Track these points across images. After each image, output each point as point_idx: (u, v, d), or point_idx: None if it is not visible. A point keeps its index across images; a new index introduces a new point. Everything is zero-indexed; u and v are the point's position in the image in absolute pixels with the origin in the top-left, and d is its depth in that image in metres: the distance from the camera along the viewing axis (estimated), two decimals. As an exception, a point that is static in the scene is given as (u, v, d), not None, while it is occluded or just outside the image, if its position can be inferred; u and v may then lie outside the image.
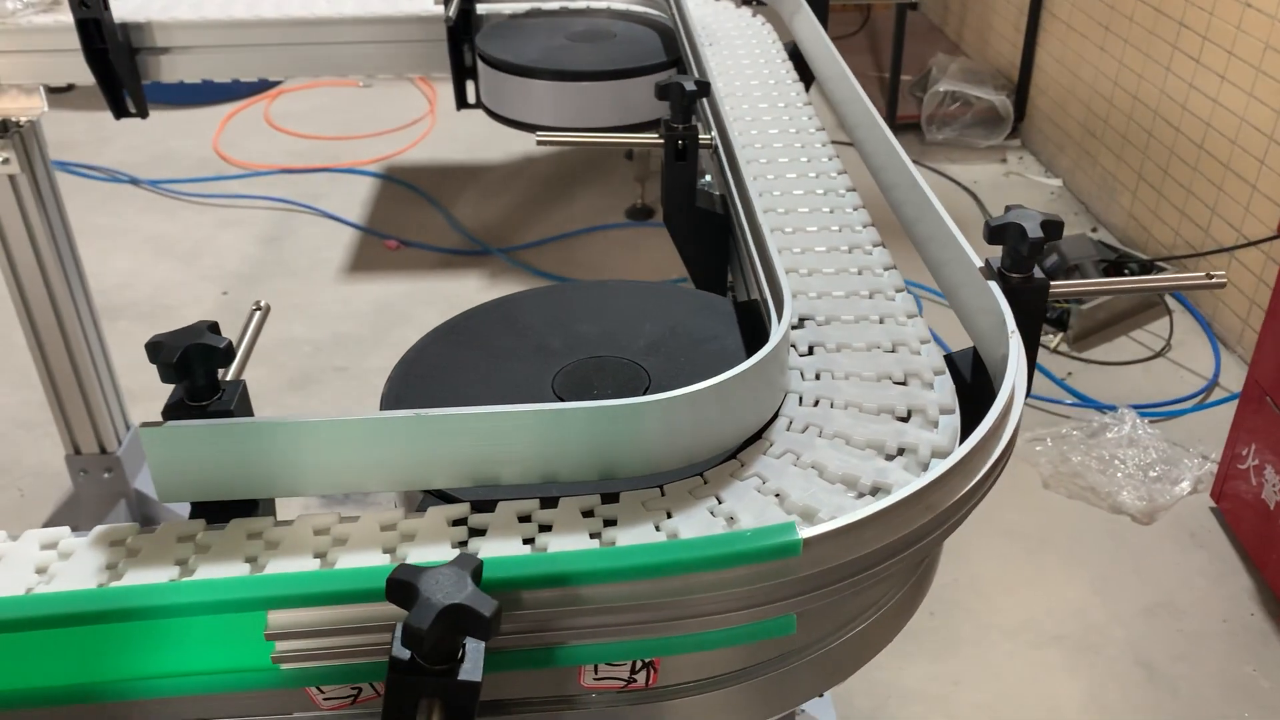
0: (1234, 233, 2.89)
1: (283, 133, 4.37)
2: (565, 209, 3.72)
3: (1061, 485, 2.47)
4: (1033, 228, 0.90)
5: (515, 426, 0.77)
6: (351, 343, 3.03)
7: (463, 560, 0.60)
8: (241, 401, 0.81)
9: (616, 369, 0.95)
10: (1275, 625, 2.12)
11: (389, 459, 0.77)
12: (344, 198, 3.83)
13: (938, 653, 2.09)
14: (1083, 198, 3.69)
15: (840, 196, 1.23)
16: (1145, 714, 1.97)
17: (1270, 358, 2.16)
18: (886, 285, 1.06)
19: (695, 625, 0.68)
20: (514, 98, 1.70)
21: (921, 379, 0.92)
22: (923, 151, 4.03)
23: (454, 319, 1.03)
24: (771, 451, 0.85)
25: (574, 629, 0.66)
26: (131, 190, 3.92)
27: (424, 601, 0.57)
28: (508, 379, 0.94)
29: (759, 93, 1.52)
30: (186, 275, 3.40)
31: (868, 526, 0.70)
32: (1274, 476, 2.15)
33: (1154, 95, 3.20)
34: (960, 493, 0.76)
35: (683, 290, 1.08)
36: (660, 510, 0.79)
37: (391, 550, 0.75)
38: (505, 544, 0.75)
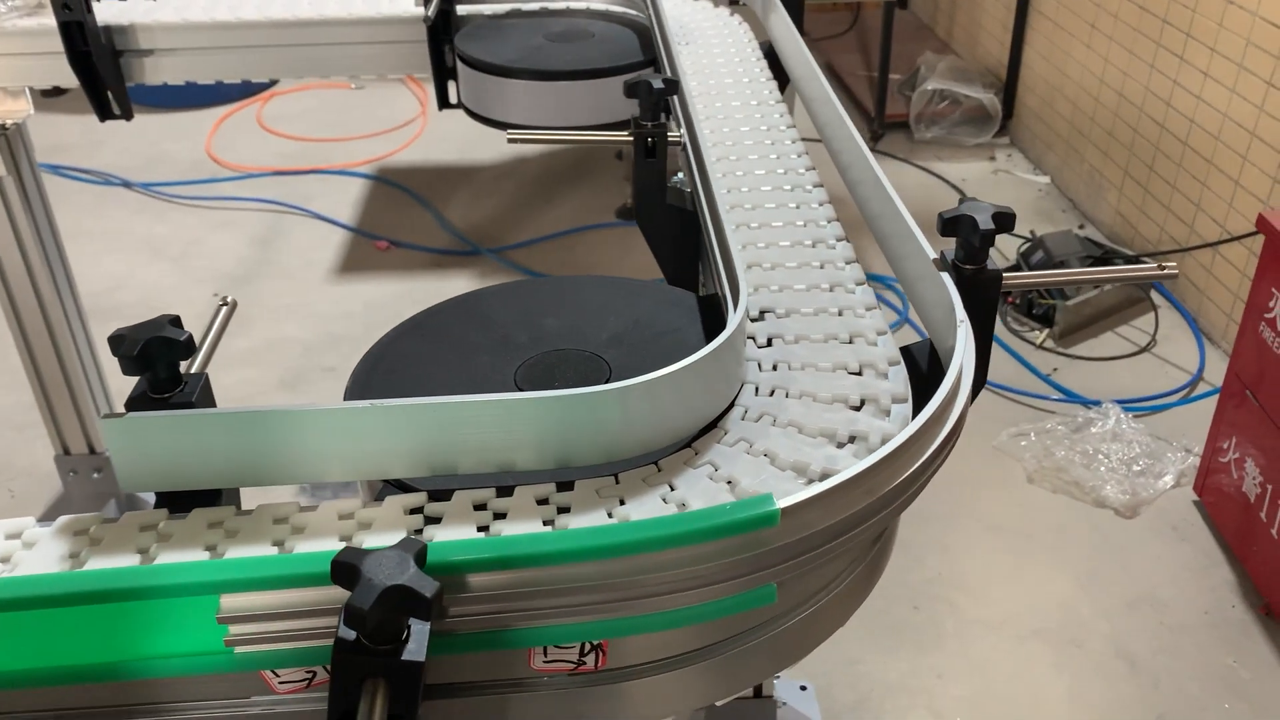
0: (1218, 228, 2.90)
1: (275, 135, 4.38)
2: (555, 209, 3.74)
3: (1046, 480, 2.49)
4: (984, 219, 0.92)
5: (470, 416, 0.78)
6: (342, 343, 3.05)
7: (406, 543, 0.62)
8: (204, 394, 0.82)
9: (578, 361, 0.97)
10: (1255, 617, 2.14)
11: (346, 449, 0.79)
12: (335, 199, 3.84)
13: (922, 646, 2.10)
14: (1070, 195, 3.71)
15: (807, 192, 1.24)
16: (1127, 706, 1.98)
17: (1250, 352, 2.17)
18: (847, 279, 1.07)
19: (643, 607, 0.70)
20: (492, 98, 1.71)
21: (876, 369, 0.93)
22: (911, 150, 4.04)
23: (420, 314, 1.04)
24: (725, 440, 0.86)
25: (522, 611, 0.68)
26: (124, 193, 3.94)
27: (366, 583, 0.59)
28: (471, 372, 0.95)
29: (732, 91, 1.53)
30: (178, 277, 3.42)
31: (812, 507, 0.72)
32: (1254, 469, 2.17)
33: (1139, 92, 3.22)
34: (904, 474, 0.78)
35: (647, 285, 1.10)
36: (614, 498, 0.80)
37: (348, 538, 0.77)
38: (459, 531, 0.76)
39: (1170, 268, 0.96)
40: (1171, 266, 0.96)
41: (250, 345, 3.05)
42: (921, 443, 0.78)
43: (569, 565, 0.66)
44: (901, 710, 1.98)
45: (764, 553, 0.70)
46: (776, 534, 0.70)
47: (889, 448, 0.75)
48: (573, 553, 0.66)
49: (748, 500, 0.70)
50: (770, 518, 0.69)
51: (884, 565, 0.94)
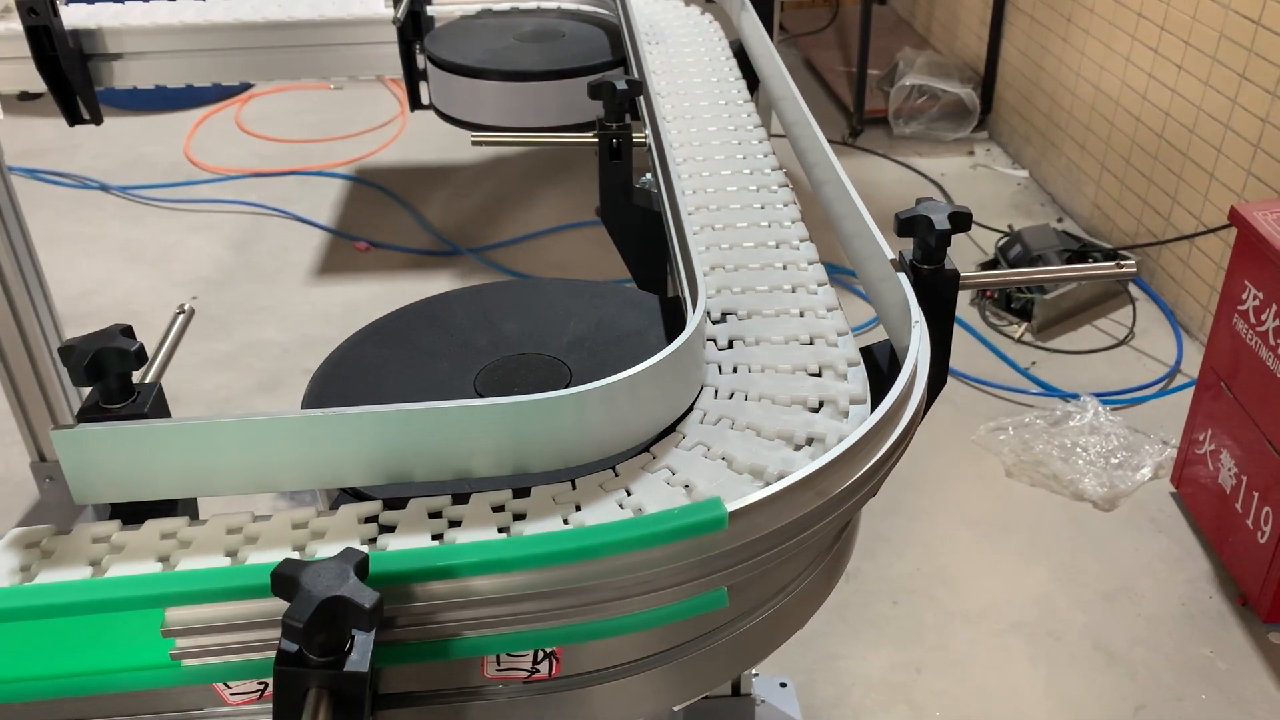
0: (1194, 220, 2.91)
1: (254, 136, 4.37)
2: (536, 208, 3.73)
3: (1024, 474, 2.50)
4: (940, 219, 0.92)
5: (425, 424, 0.78)
6: (320, 345, 3.03)
7: (347, 554, 0.62)
8: (157, 404, 0.82)
9: (538, 366, 0.97)
10: (1232, 607, 2.15)
11: (299, 458, 0.78)
12: (314, 200, 3.83)
13: (900, 641, 2.11)
14: (1049, 188, 3.72)
15: (772, 193, 1.24)
16: (1105, 698, 1.99)
17: (1224, 344, 2.18)
18: (810, 279, 1.07)
19: (593, 613, 0.70)
20: (461, 99, 1.71)
21: (836, 370, 0.94)
22: (890, 145, 4.05)
23: (380, 319, 1.04)
24: (684, 444, 0.86)
25: (469, 620, 0.67)
26: (101, 197, 3.92)
27: (304, 595, 0.58)
28: (430, 378, 0.95)
29: (701, 90, 1.53)
30: (156, 281, 3.40)
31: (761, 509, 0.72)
32: (1229, 461, 2.18)
33: (1115, 86, 3.23)
34: (855, 475, 0.78)
35: (610, 287, 1.10)
36: (570, 504, 0.80)
37: (301, 548, 0.77)
38: (413, 540, 0.76)
39: (1128, 265, 0.96)
40: (1129, 264, 0.96)
41: (228, 349, 3.04)
42: (873, 444, 0.78)
43: (514, 573, 0.66)
44: (881, 705, 1.99)
45: (713, 556, 0.70)
46: (725, 537, 0.70)
47: (838, 449, 0.75)
48: (517, 560, 0.66)
49: (696, 504, 0.70)
50: (718, 521, 0.69)
51: (845, 564, 0.94)
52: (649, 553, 0.68)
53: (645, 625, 0.71)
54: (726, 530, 0.69)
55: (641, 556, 0.68)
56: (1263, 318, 2.05)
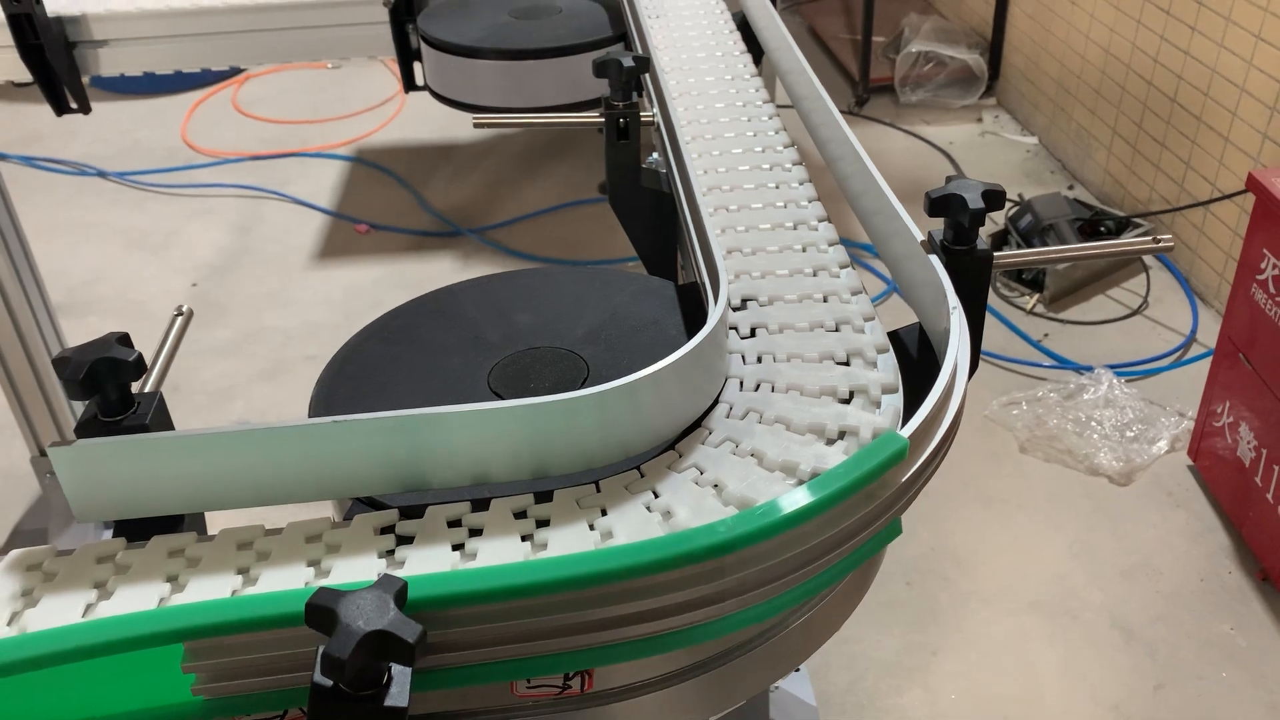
0: (1208, 186, 2.86)
1: (251, 118, 4.31)
2: (538, 186, 3.68)
3: (1038, 449, 2.46)
4: (974, 198, 0.88)
5: (440, 429, 0.75)
6: (323, 330, 3.00)
7: (385, 582, 0.58)
8: (159, 415, 0.78)
9: (554, 360, 0.93)
10: (1252, 582, 2.12)
11: (310, 469, 0.75)
12: (314, 182, 3.78)
13: (915, 623, 2.08)
14: (1059, 155, 3.66)
15: (786, 171, 1.20)
16: (1123, 677, 1.97)
17: (1242, 314, 2.14)
18: (831, 262, 1.03)
19: (629, 633, 0.66)
20: (458, 79, 1.66)
21: (865, 358, 0.90)
22: (897, 114, 3.99)
23: (387, 314, 1.00)
24: (710, 440, 0.83)
25: (506, 644, 0.64)
26: (99, 183, 3.87)
27: (344, 628, 0.55)
28: (442, 376, 0.92)
29: (706, 65, 1.49)
30: (156, 268, 3.36)
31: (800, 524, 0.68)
32: (1248, 433, 2.14)
33: (1126, 49, 3.17)
34: (902, 479, 0.74)
35: (623, 275, 1.06)
36: (595, 508, 0.77)
37: (316, 563, 0.73)
38: (433, 552, 0.73)
39: (1166, 240, 0.92)
40: (1167, 239, 0.92)
41: (230, 336, 3.00)
42: (919, 444, 0.74)
43: (555, 595, 0.62)
44: (896, 689, 1.96)
45: (756, 572, 0.66)
46: (774, 547, 0.67)
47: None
48: (561, 582, 0.62)
49: (741, 515, 0.67)
50: (764, 531, 0.65)
51: (878, 567, 0.91)
52: (691, 569, 0.64)
53: (684, 644, 0.68)
54: (770, 542, 0.66)
55: (683, 574, 0.64)
56: (1283, 287, 2.01)
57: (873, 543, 0.73)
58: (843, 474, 0.69)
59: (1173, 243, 0.91)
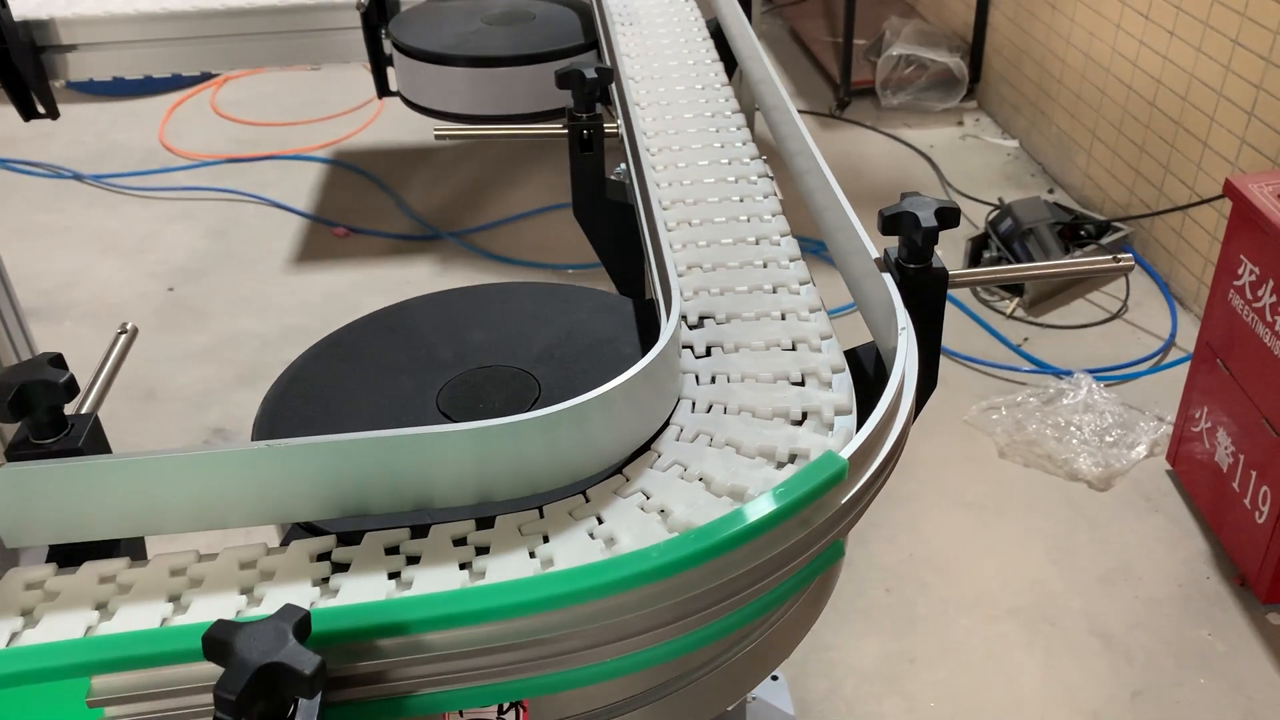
0: (1187, 191, 2.86)
1: (229, 120, 4.28)
2: (518, 189, 3.66)
3: (1018, 454, 2.46)
4: (926, 216, 0.87)
5: (380, 454, 0.73)
6: (300, 335, 2.98)
7: (285, 612, 0.57)
8: (93, 437, 0.76)
9: (506, 379, 0.92)
10: (1230, 588, 2.11)
11: (247, 494, 0.73)
12: (292, 186, 3.75)
13: (894, 630, 2.07)
14: (1040, 158, 3.66)
15: (752, 184, 1.19)
16: (1102, 684, 1.96)
17: (1220, 319, 2.14)
18: (791, 278, 1.02)
19: (562, 663, 0.65)
20: (429, 86, 1.65)
21: (820, 378, 0.89)
22: (878, 117, 3.98)
23: (338, 331, 0.99)
24: (659, 464, 0.81)
25: (427, 676, 0.63)
26: (75, 186, 3.84)
27: (237, 662, 0.53)
28: (390, 396, 0.90)
29: (677, 74, 1.47)
30: (132, 272, 3.33)
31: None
32: (1226, 439, 2.14)
33: (1106, 53, 3.17)
34: (844, 499, 0.73)
35: (583, 291, 1.04)
36: (537, 534, 0.75)
37: (249, 590, 0.72)
38: (368, 580, 0.71)
39: (1124, 260, 0.91)
40: (1126, 259, 0.91)
41: (207, 341, 2.98)
42: (860, 466, 0.73)
43: (473, 627, 0.61)
44: (875, 697, 1.95)
45: (691, 598, 0.65)
46: (702, 575, 0.65)
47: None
48: (476, 614, 0.61)
49: (676, 540, 0.65)
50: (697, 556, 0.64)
51: (833, 585, 0.90)
52: (623, 597, 0.63)
53: (620, 673, 0.66)
54: (703, 568, 0.64)
55: (615, 601, 0.63)
56: (1259, 293, 2.00)
57: (814, 565, 0.71)
58: (781, 495, 0.67)
59: (1132, 264, 0.90)
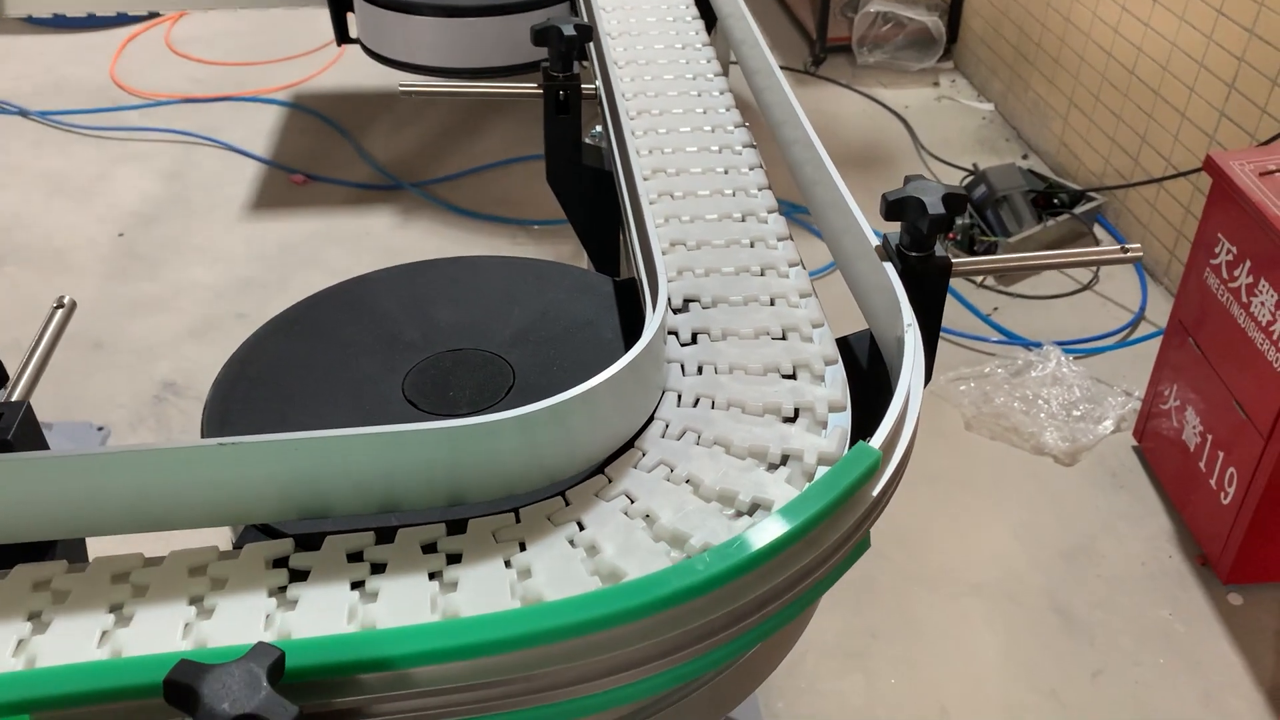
0: (1163, 162, 2.83)
1: (185, 58, 4.12)
2: (484, 139, 3.56)
3: (984, 426, 2.44)
4: (934, 203, 0.82)
5: (341, 453, 0.67)
6: (254, 287, 2.88)
7: (258, 653, 0.51)
8: (25, 429, 0.70)
9: (477, 365, 0.86)
10: (1192, 567, 2.12)
11: (196, 494, 0.67)
12: (249, 129, 3.62)
13: (856, 606, 2.05)
14: (1015, 123, 3.62)
15: (736, 154, 1.13)
16: (1062, 662, 1.96)
17: (1193, 297, 2.12)
18: (780, 260, 0.97)
19: (549, 697, 0.60)
20: (393, 35, 1.56)
21: (812, 370, 0.84)
22: (853, 75, 3.91)
23: (296, 306, 0.92)
24: (643, 464, 0.76)
25: (407, 712, 0.57)
26: (20, 123, 3.68)
27: (205, 712, 0.48)
28: (352, 381, 0.84)
29: (656, 31, 1.40)
30: (80, 216, 3.20)
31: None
32: (1194, 418, 2.13)
33: (1086, 18, 3.12)
34: (850, 520, 0.68)
35: (558, 268, 0.98)
36: (513, 541, 0.70)
37: (199, 600, 0.66)
38: (329, 591, 0.66)
39: (1133, 249, 0.87)
40: (1135, 247, 0.87)
41: (157, 290, 2.87)
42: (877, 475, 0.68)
43: (459, 662, 0.56)
44: (835, 673, 1.94)
45: (683, 633, 0.60)
46: (698, 609, 0.60)
47: (824, 498, 0.65)
48: (464, 649, 0.55)
49: (672, 569, 0.60)
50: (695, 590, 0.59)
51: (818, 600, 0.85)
52: (614, 632, 0.57)
53: (609, 705, 0.61)
54: (706, 598, 0.59)
55: (607, 636, 0.57)
56: (1235, 273, 1.98)
57: (843, 565, 0.67)
58: (818, 495, 0.63)
59: (1141, 254, 0.85)
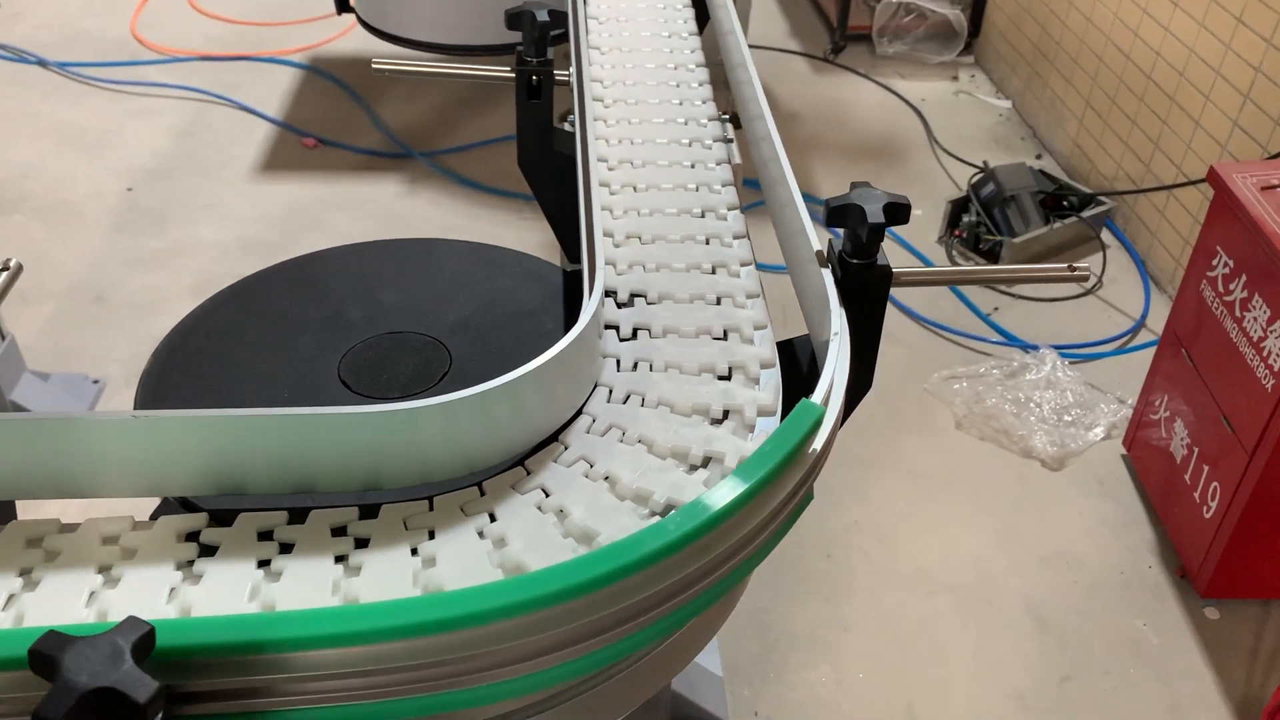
0: (1174, 169, 2.80)
1: (205, 16, 4.13)
2: (496, 111, 3.55)
3: (974, 426, 2.43)
4: (874, 211, 0.81)
5: (258, 433, 0.68)
6: (259, 248, 2.90)
7: (126, 626, 0.52)
8: (-50, 389, 0.71)
9: (415, 348, 0.86)
10: (1170, 578, 2.11)
11: (115, 464, 0.68)
12: (264, 89, 3.63)
13: (830, 597, 2.06)
14: (1031, 122, 3.58)
15: (706, 148, 1.13)
16: (1032, 666, 1.96)
17: (1189, 308, 2.10)
18: (732, 258, 0.97)
19: (447, 685, 0.61)
20: (390, 9, 1.56)
21: (747, 373, 0.84)
22: (872, 65, 3.88)
23: (248, 278, 0.93)
24: (564, 458, 0.77)
25: (293, 695, 0.58)
26: (38, 72, 3.70)
27: (63, 684, 0.49)
28: (289, 357, 0.85)
29: (644, 17, 1.39)
30: (91, 168, 3.23)
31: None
32: (1182, 429, 2.12)
33: (1107, 19, 3.08)
34: (753, 522, 0.68)
35: (509, 254, 0.98)
36: (423, 529, 0.71)
37: (107, 569, 0.67)
38: (235, 568, 0.67)
39: (1081, 269, 0.86)
40: (1083, 269, 0.86)
41: (162, 246, 2.90)
42: (763, 499, 0.68)
43: (331, 649, 0.56)
44: (804, 664, 1.94)
45: (578, 626, 0.61)
46: (588, 605, 0.61)
47: (724, 498, 0.65)
48: (334, 637, 0.56)
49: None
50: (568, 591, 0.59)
51: (741, 592, 0.86)
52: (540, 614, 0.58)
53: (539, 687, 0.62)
54: (587, 597, 0.60)
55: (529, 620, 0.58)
56: (1231, 287, 1.96)
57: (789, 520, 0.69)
58: (770, 453, 0.64)
59: (1088, 275, 0.85)
